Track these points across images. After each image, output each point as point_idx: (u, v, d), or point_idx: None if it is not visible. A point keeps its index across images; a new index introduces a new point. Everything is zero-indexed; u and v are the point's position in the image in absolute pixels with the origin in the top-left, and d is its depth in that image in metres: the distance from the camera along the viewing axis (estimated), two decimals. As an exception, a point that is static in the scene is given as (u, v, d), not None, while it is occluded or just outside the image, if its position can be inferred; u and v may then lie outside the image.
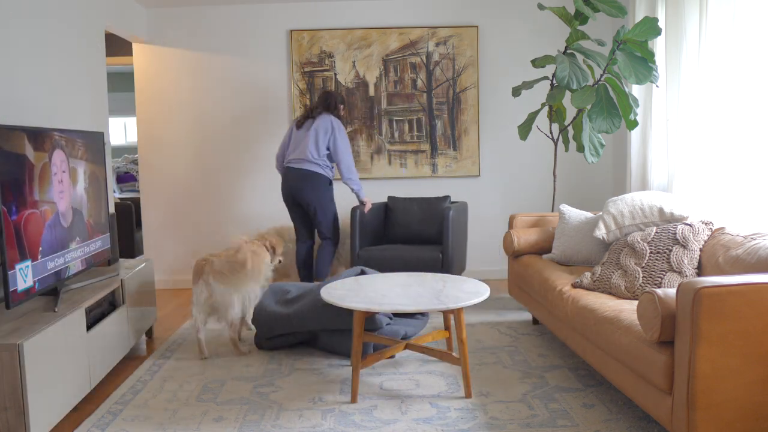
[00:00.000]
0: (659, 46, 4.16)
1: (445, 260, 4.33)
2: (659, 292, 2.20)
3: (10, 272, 2.56)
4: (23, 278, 2.66)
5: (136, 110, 5.45)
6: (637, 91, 4.42)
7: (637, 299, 2.91)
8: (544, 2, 5.10)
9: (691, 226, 3.04)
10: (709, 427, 2.04)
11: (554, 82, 4.39)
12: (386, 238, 4.94)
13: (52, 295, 3.05)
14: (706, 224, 3.04)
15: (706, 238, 3.01)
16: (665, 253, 3.01)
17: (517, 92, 4.49)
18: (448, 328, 3.38)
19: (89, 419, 2.80)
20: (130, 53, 5.60)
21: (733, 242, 2.82)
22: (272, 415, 2.80)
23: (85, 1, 4.16)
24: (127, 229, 5.54)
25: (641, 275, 2.99)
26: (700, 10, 3.58)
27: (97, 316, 3.17)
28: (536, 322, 4.10)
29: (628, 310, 2.65)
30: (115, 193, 7.17)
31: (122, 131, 8.92)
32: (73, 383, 2.78)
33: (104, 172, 3.70)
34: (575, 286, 3.22)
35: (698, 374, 2.02)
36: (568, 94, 4.81)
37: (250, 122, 5.44)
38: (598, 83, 4.15)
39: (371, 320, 3.35)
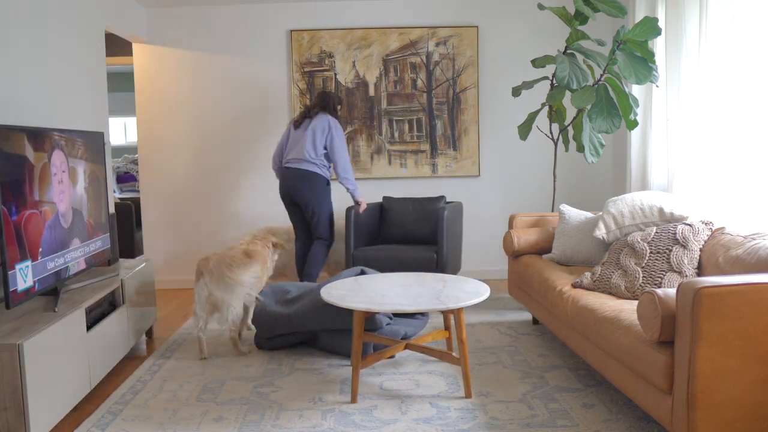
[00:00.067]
0: (659, 46, 4.16)
1: (439, 260, 4.33)
2: (659, 292, 2.20)
3: (10, 272, 2.56)
4: (23, 278, 2.66)
5: (136, 110, 5.45)
6: (637, 91, 4.42)
7: (637, 299, 2.90)
8: (544, 2, 5.10)
9: (691, 226, 3.04)
10: (709, 427, 2.04)
11: (554, 82, 4.39)
12: (381, 238, 4.94)
13: (52, 295, 3.05)
14: (706, 224, 3.04)
15: (706, 238, 3.01)
16: (665, 253, 3.01)
17: (517, 92, 4.50)
18: (448, 328, 3.38)
19: (89, 419, 2.80)
20: (130, 53, 5.60)
21: (733, 242, 2.82)
22: (272, 415, 2.80)
23: (85, 1, 4.16)
24: (127, 229, 5.54)
25: (641, 275, 2.99)
26: (700, 10, 3.58)
27: (97, 316, 3.17)
28: (536, 322, 4.10)
29: (628, 310, 2.65)
30: (115, 193, 7.17)
31: (122, 131, 8.92)
32: (73, 383, 2.78)
33: (104, 172, 3.70)
34: (575, 286, 3.22)
35: (698, 374, 2.02)
36: (568, 94, 4.81)
37: (250, 122, 5.44)
38: (598, 83, 4.15)
39: (371, 320, 3.35)
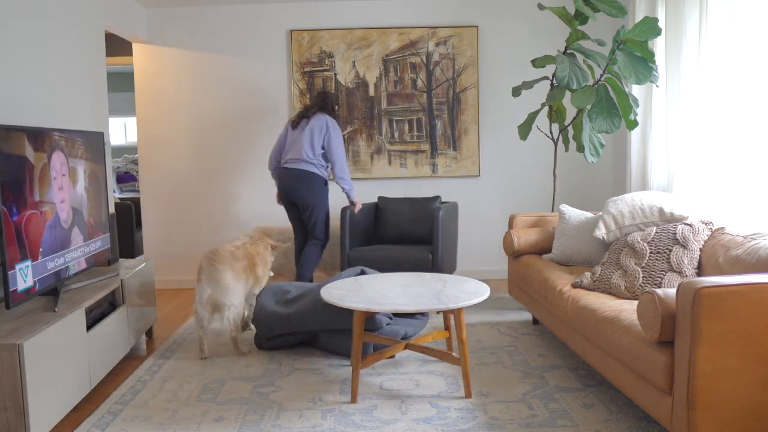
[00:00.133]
0: (659, 46, 4.16)
1: (435, 260, 4.33)
2: (659, 292, 2.20)
3: (10, 272, 2.56)
4: (23, 278, 2.66)
5: (136, 110, 5.45)
6: (637, 91, 4.42)
7: (637, 299, 2.90)
8: (544, 2, 5.10)
9: (691, 226, 3.04)
10: (709, 427, 2.04)
11: (554, 82, 4.39)
12: (376, 238, 4.93)
13: (52, 295, 3.05)
14: (706, 224, 3.04)
15: (706, 238, 3.01)
16: (665, 253, 3.01)
17: (517, 92, 4.49)
18: (448, 328, 3.38)
19: (89, 419, 2.80)
20: (130, 53, 5.60)
21: (733, 242, 2.82)
22: (272, 415, 2.80)
23: (85, 1, 4.16)
24: (127, 229, 5.54)
25: (641, 275, 2.99)
26: (700, 10, 3.58)
27: (97, 316, 3.17)
28: (536, 322, 4.10)
29: (628, 310, 2.65)
30: (115, 193, 7.18)
31: (122, 131, 8.92)
32: (73, 383, 2.78)
33: (104, 172, 3.70)
34: (575, 286, 3.22)
35: (698, 374, 2.02)
36: (568, 94, 4.81)
37: (250, 122, 5.44)
38: (598, 83, 4.15)
39: (371, 320, 3.35)
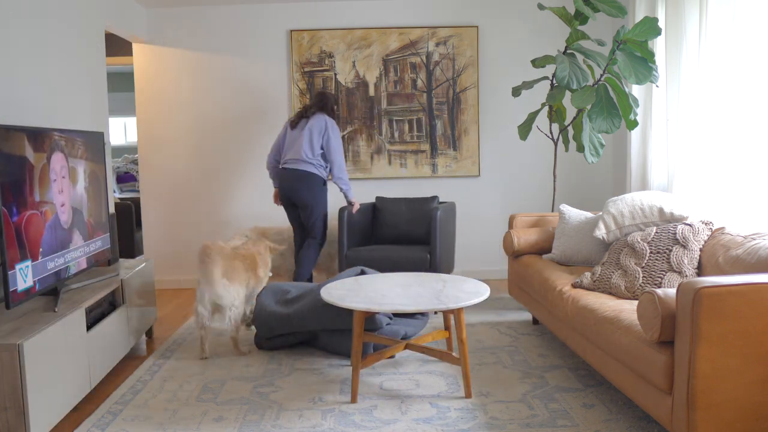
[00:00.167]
0: (659, 46, 4.16)
1: (432, 260, 4.32)
2: (659, 292, 2.20)
3: (10, 272, 2.56)
4: (23, 278, 2.66)
5: (136, 110, 5.45)
6: (637, 91, 4.42)
7: (637, 299, 2.90)
8: (544, 2, 5.10)
9: (691, 226, 3.04)
10: (709, 427, 2.04)
11: (554, 82, 4.39)
12: (374, 238, 4.92)
13: (52, 295, 3.05)
14: (706, 224, 3.04)
15: (706, 238, 3.01)
16: (665, 253, 3.01)
17: (517, 92, 4.49)
18: (448, 328, 3.38)
19: (89, 419, 2.80)
20: (130, 53, 5.60)
21: (733, 242, 2.82)
22: (272, 415, 2.80)
23: (85, 1, 4.16)
24: (127, 229, 5.54)
25: (641, 275, 2.99)
26: (700, 10, 3.58)
27: (97, 316, 3.17)
28: (536, 322, 4.10)
29: (628, 310, 2.65)
30: (115, 193, 7.18)
31: (122, 131, 8.92)
32: (73, 383, 2.78)
33: (104, 172, 3.70)
34: (575, 286, 3.22)
35: (698, 374, 2.02)
36: (568, 94, 4.81)
37: (250, 122, 5.44)
38: (598, 83, 4.15)
39: (371, 320, 3.35)
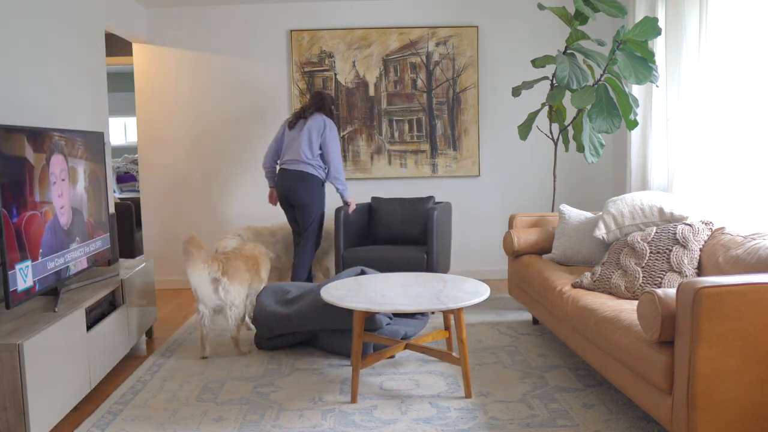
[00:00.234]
0: (659, 46, 4.16)
1: (430, 260, 4.32)
2: (659, 292, 2.20)
3: (10, 272, 2.56)
4: (23, 278, 2.66)
5: (136, 110, 5.45)
6: (637, 91, 4.42)
7: (637, 299, 2.91)
8: (544, 2, 5.10)
9: (691, 226, 3.04)
10: (709, 427, 2.04)
11: (554, 82, 4.39)
12: (370, 238, 4.92)
13: (52, 295, 3.05)
14: (706, 224, 3.04)
15: (706, 238, 3.01)
16: (665, 253, 3.01)
17: (517, 92, 4.49)
18: (448, 328, 3.38)
19: (89, 419, 2.80)
20: (130, 53, 5.60)
21: (733, 242, 2.82)
22: (272, 415, 2.80)
23: (85, 1, 4.16)
24: (127, 229, 5.55)
25: (641, 275, 2.99)
26: (700, 10, 3.58)
27: (97, 316, 3.17)
28: (536, 322, 4.10)
29: (628, 310, 2.65)
30: (115, 193, 7.18)
31: (122, 131, 8.92)
32: (73, 383, 2.78)
33: (104, 172, 3.70)
34: (575, 286, 3.22)
35: (698, 374, 2.02)
36: (568, 94, 4.81)
37: (250, 122, 5.44)
38: (598, 83, 4.15)
39: (371, 320, 3.35)
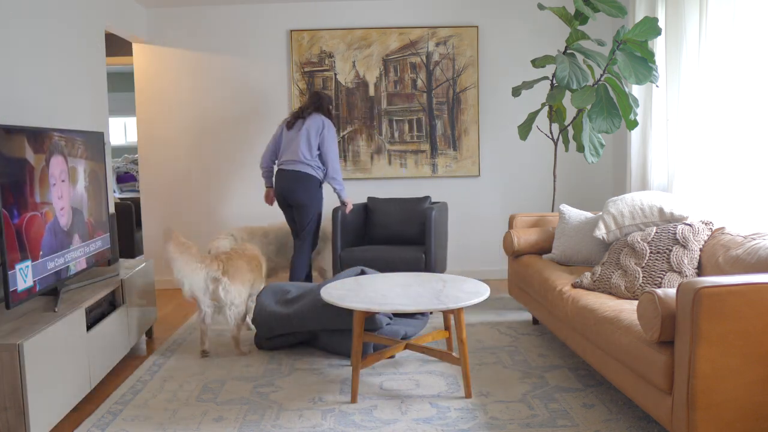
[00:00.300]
0: (659, 46, 4.16)
1: (428, 260, 4.32)
2: (659, 292, 2.20)
3: (10, 272, 2.56)
4: (23, 278, 2.66)
5: (136, 110, 5.45)
6: (637, 91, 4.42)
7: (637, 299, 2.91)
8: (544, 2, 5.11)
9: (691, 226, 3.04)
10: (709, 427, 2.04)
11: (554, 82, 4.39)
12: (367, 238, 4.92)
13: (52, 295, 3.05)
14: (706, 224, 3.04)
15: (706, 238, 3.01)
16: (665, 253, 3.01)
17: (517, 92, 4.49)
18: (448, 328, 3.38)
19: (89, 419, 2.80)
20: (130, 53, 5.60)
21: (733, 242, 2.82)
22: (272, 415, 2.80)
23: (85, 1, 4.16)
24: (127, 229, 5.54)
25: (641, 275, 2.99)
26: (700, 10, 3.58)
27: (97, 316, 3.17)
28: (536, 322, 4.10)
29: (628, 310, 2.65)
30: (115, 193, 7.18)
31: (122, 131, 8.92)
32: (73, 383, 2.78)
33: (104, 171, 3.70)
34: (575, 286, 3.22)
35: (698, 374, 2.02)
36: (568, 94, 4.81)
37: (250, 122, 5.44)
38: (598, 83, 4.15)
39: (371, 320, 3.35)
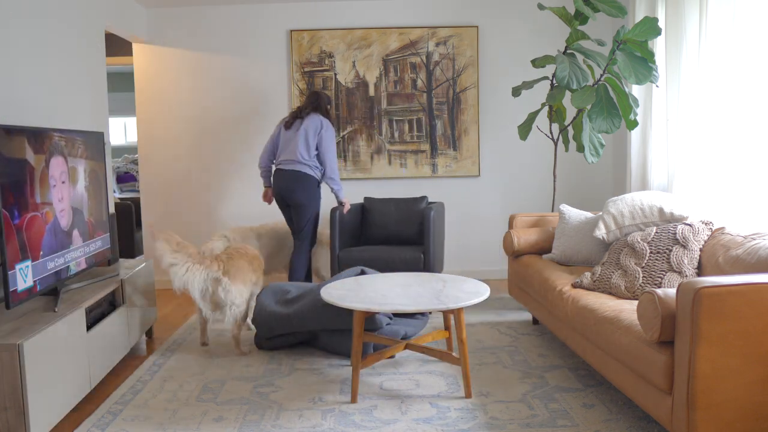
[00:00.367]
0: (659, 46, 4.16)
1: (426, 260, 4.32)
2: (659, 292, 2.20)
3: (10, 272, 2.56)
4: (23, 278, 2.66)
5: (136, 110, 5.45)
6: (637, 91, 4.42)
7: (637, 299, 2.91)
8: (544, 2, 5.10)
9: (691, 226, 3.04)
10: (709, 427, 2.04)
11: (554, 82, 4.39)
12: (363, 239, 4.92)
13: (52, 295, 3.05)
14: (706, 224, 3.04)
15: (706, 238, 3.01)
16: (665, 253, 3.01)
17: (517, 92, 4.49)
18: (448, 328, 3.38)
19: (89, 419, 2.80)
20: (130, 53, 5.60)
21: (733, 242, 2.82)
22: (272, 415, 2.80)
23: (85, 1, 4.16)
24: (127, 229, 5.54)
25: (641, 275, 2.99)
26: (700, 10, 3.58)
27: (97, 316, 3.17)
28: (536, 322, 4.10)
29: (628, 310, 2.65)
30: (115, 193, 7.18)
31: (122, 131, 8.92)
32: (73, 383, 2.78)
33: (104, 171, 3.70)
34: (575, 286, 3.22)
35: (698, 374, 2.02)
36: (568, 94, 4.81)
37: (250, 122, 5.44)
38: (598, 83, 4.15)
39: (371, 320, 3.35)
